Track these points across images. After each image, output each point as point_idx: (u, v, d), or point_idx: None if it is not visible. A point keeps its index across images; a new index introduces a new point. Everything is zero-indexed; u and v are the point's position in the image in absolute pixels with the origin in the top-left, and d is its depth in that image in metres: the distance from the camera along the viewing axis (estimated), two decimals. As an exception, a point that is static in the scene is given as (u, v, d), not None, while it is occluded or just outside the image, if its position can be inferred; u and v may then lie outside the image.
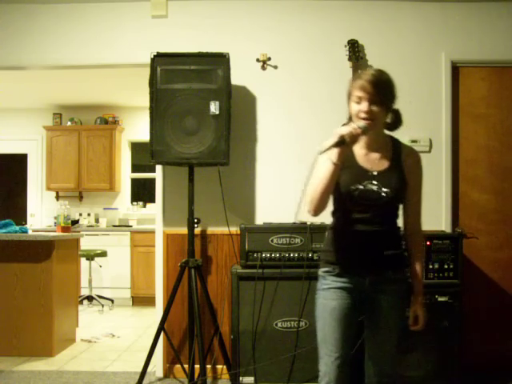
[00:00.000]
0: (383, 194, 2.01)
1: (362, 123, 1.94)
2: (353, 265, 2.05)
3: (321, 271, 2.12)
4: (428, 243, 3.25)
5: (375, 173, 2.04)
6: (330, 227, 2.16)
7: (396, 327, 2.07)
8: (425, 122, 3.81)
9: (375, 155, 2.07)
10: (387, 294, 2.05)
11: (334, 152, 1.90)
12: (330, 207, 2.12)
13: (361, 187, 2.02)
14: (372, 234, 2.03)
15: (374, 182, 2.02)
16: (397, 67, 3.81)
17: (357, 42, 3.74)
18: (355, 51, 3.72)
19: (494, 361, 3.76)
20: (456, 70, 3.86)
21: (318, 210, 2.03)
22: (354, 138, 1.91)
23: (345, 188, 2.03)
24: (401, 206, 2.14)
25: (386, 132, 2.13)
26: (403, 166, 2.07)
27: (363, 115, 1.95)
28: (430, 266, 3.25)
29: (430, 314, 3.16)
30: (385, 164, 2.06)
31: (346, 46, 3.74)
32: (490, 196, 3.85)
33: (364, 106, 1.95)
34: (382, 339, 2.09)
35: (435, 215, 3.77)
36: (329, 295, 2.07)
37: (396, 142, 2.13)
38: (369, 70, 2.02)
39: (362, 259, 2.04)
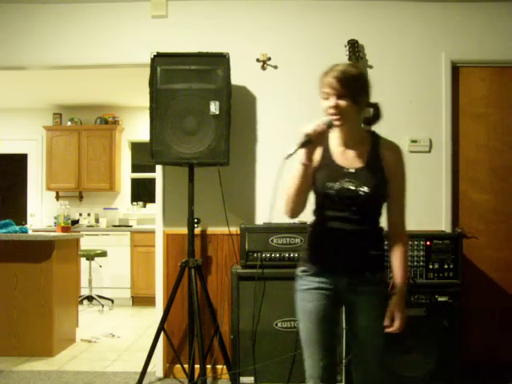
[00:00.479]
0: (361, 193, 1.95)
1: (326, 118, 1.92)
2: (329, 264, 2.01)
3: (298, 271, 2.08)
4: (428, 243, 3.26)
5: (352, 170, 1.98)
6: (310, 225, 2.12)
7: (376, 330, 2.01)
8: (425, 122, 3.81)
9: (353, 152, 2.02)
10: (365, 295, 1.99)
11: (302, 152, 1.89)
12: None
13: (337, 186, 1.96)
14: (349, 234, 1.98)
15: (351, 180, 1.96)
16: (397, 67, 3.83)
17: (357, 42, 3.74)
18: (355, 51, 3.72)
19: (494, 361, 3.76)
20: (456, 70, 3.86)
21: (294, 212, 2.02)
22: (319, 135, 1.89)
23: (321, 186, 2.00)
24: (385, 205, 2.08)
25: (366, 127, 2.09)
26: (382, 162, 2.00)
27: (331, 111, 1.93)
28: (430, 266, 3.25)
29: (430, 314, 3.21)
30: (363, 160, 2.00)
31: (345, 46, 3.75)
32: (490, 196, 3.85)
33: (331, 101, 1.94)
34: (363, 342, 2.02)
35: (435, 215, 3.77)
36: (306, 297, 2.03)
37: (376, 137, 2.06)
38: (336, 66, 1.98)
39: (339, 259, 1.99)
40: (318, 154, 2.03)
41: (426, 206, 3.78)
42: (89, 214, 7.62)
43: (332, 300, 2.02)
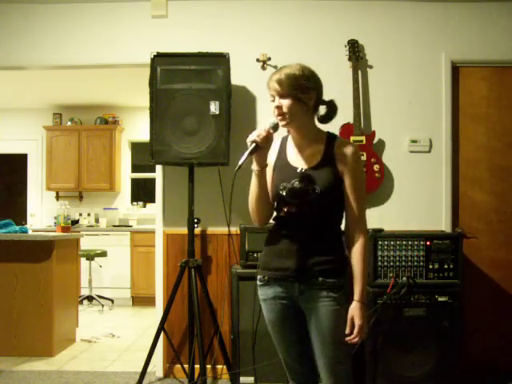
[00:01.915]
0: (311, 192, 1.92)
1: (271, 120, 1.94)
2: (279, 271, 1.97)
3: (257, 280, 2.07)
4: (428, 243, 3.26)
5: (303, 169, 1.97)
6: (269, 230, 2.09)
7: (328, 337, 1.92)
8: (425, 122, 3.81)
9: (306, 152, 2.01)
10: (318, 302, 1.92)
11: (253, 159, 1.91)
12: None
13: (288, 185, 1.95)
14: (300, 237, 1.94)
15: (303, 179, 1.94)
16: (397, 67, 3.83)
17: (357, 42, 3.74)
18: (355, 51, 3.73)
19: (494, 361, 3.76)
20: (456, 70, 3.86)
21: (261, 219, 2.04)
22: (266, 139, 1.90)
23: (275, 188, 2.00)
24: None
25: (321, 127, 2.07)
26: (336, 161, 1.96)
27: (275, 112, 1.95)
28: (430, 266, 3.25)
29: (430, 314, 3.21)
30: (316, 160, 1.98)
31: (345, 46, 3.75)
32: (490, 196, 3.85)
33: (275, 102, 1.96)
34: (317, 351, 1.95)
35: (435, 215, 3.77)
36: (266, 307, 2.04)
37: (331, 137, 2.03)
38: (281, 69, 1.97)
39: (288, 264, 1.94)
40: (273, 156, 2.06)
41: (426, 206, 3.78)
42: (89, 214, 7.62)
43: (291, 308, 1.99)
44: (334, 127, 2.14)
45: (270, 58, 3.83)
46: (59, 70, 4.58)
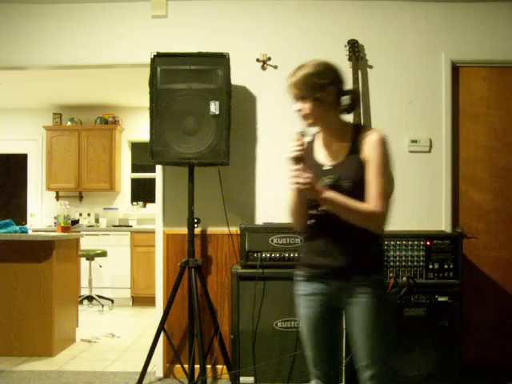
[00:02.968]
0: (342, 187, 1.91)
1: (298, 130, 1.93)
2: (318, 268, 1.99)
3: (296, 275, 2.08)
4: (428, 243, 3.26)
5: (330, 166, 1.98)
6: (308, 226, 2.11)
7: (371, 330, 1.94)
8: (425, 122, 3.81)
9: (334, 147, 2.01)
10: (356, 298, 1.94)
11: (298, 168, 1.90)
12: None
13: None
14: (335, 236, 1.95)
15: (331, 177, 1.94)
16: (397, 67, 3.83)
17: (357, 41, 3.74)
18: (355, 51, 3.73)
19: (494, 361, 3.76)
20: (456, 70, 3.86)
21: (300, 226, 2.06)
22: (302, 149, 1.89)
23: None
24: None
25: (345, 120, 2.05)
26: (361, 153, 1.93)
27: (299, 115, 1.98)
28: (430, 266, 3.25)
29: (430, 314, 3.21)
30: (343, 154, 1.97)
31: (345, 46, 3.75)
32: (489, 196, 3.85)
33: (296, 106, 1.98)
34: (359, 343, 1.96)
35: (435, 215, 3.77)
36: (302, 303, 2.05)
37: (358, 130, 2.01)
38: (296, 70, 1.98)
39: (326, 262, 1.96)
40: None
41: (426, 206, 3.78)
42: (89, 214, 7.62)
43: (327, 305, 2.00)
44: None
45: (270, 58, 3.83)
46: (59, 70, 4.57)
